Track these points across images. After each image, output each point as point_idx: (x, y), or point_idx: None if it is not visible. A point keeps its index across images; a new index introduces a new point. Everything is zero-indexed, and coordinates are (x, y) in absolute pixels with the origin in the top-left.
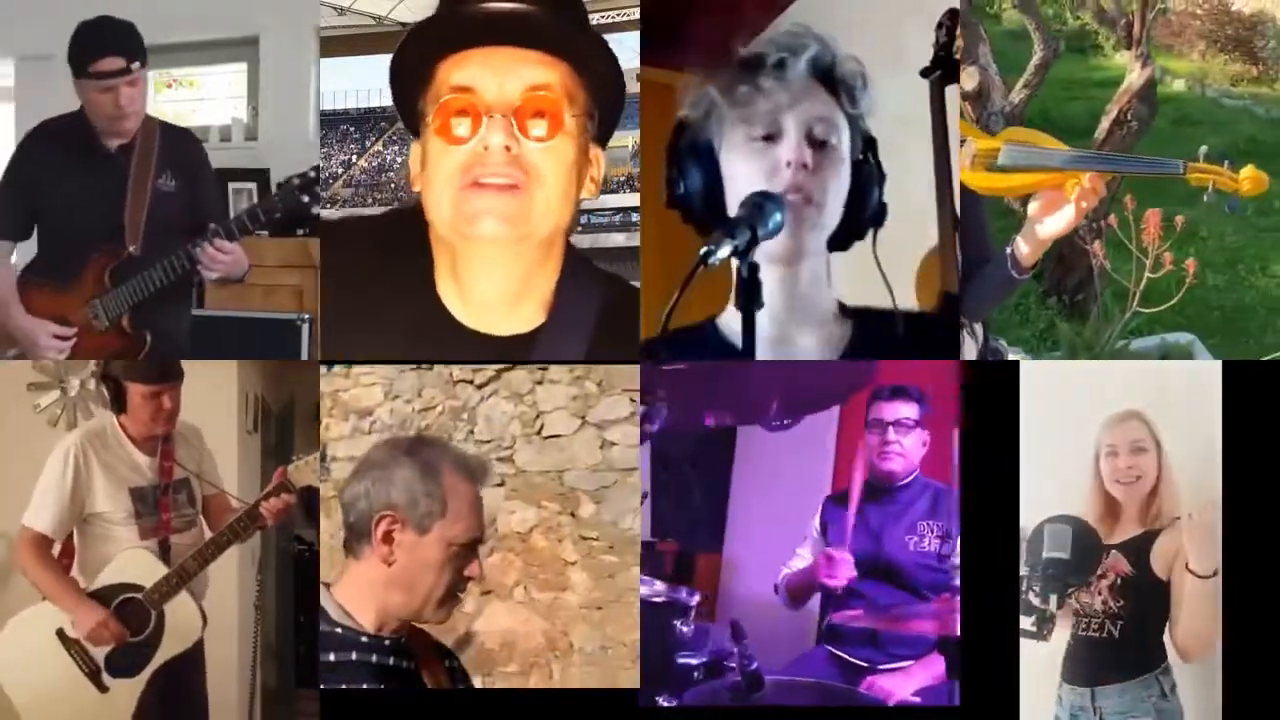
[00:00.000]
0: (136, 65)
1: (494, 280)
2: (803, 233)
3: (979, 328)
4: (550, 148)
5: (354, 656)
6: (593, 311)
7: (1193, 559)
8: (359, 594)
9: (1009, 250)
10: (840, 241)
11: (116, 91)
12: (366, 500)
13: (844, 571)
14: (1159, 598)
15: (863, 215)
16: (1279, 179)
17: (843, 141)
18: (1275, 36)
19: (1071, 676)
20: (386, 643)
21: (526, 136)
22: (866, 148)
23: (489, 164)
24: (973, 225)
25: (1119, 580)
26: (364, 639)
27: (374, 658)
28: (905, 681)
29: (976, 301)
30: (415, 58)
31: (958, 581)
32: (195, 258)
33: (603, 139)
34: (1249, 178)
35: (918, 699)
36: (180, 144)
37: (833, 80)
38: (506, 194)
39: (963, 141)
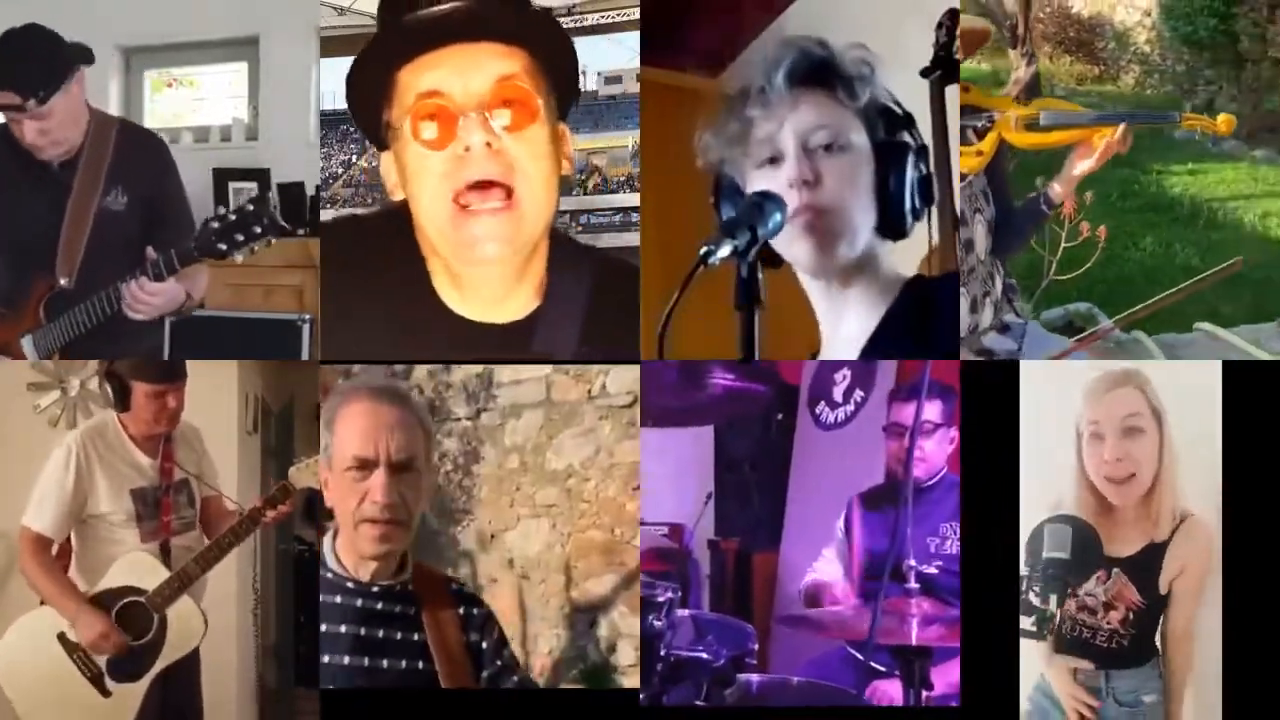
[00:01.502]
0: (33, 103)
1: (493, 285)
2: (827, 245)
3: (1002, 267)
4: (527, 136)
5: (338, 599)
6: (585, 289)
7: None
8: (341, 546)
9: (1043, 192)
10: (895, 228)
11: (19, 126)
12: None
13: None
14: (1158, 608)
15: (902, 193)
16: (1129, 167)
17: (851, 138)
18: (1114, 38)
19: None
20: (374, 589)
21: (504, 128)
22: (891, 127)
23: (473, 165)
24: (998, 181)
25: (1131, 614)
26: (349, 584)
27: (359, 602)
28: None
29: (1009, 239)
30: (372, 72)
31: None
32: (121, 297)
33: (563, 114)
34: (1224, 120)
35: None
36: (139, 151)
37: (828, 79)
38: (500, 213)
39: (989, 114)
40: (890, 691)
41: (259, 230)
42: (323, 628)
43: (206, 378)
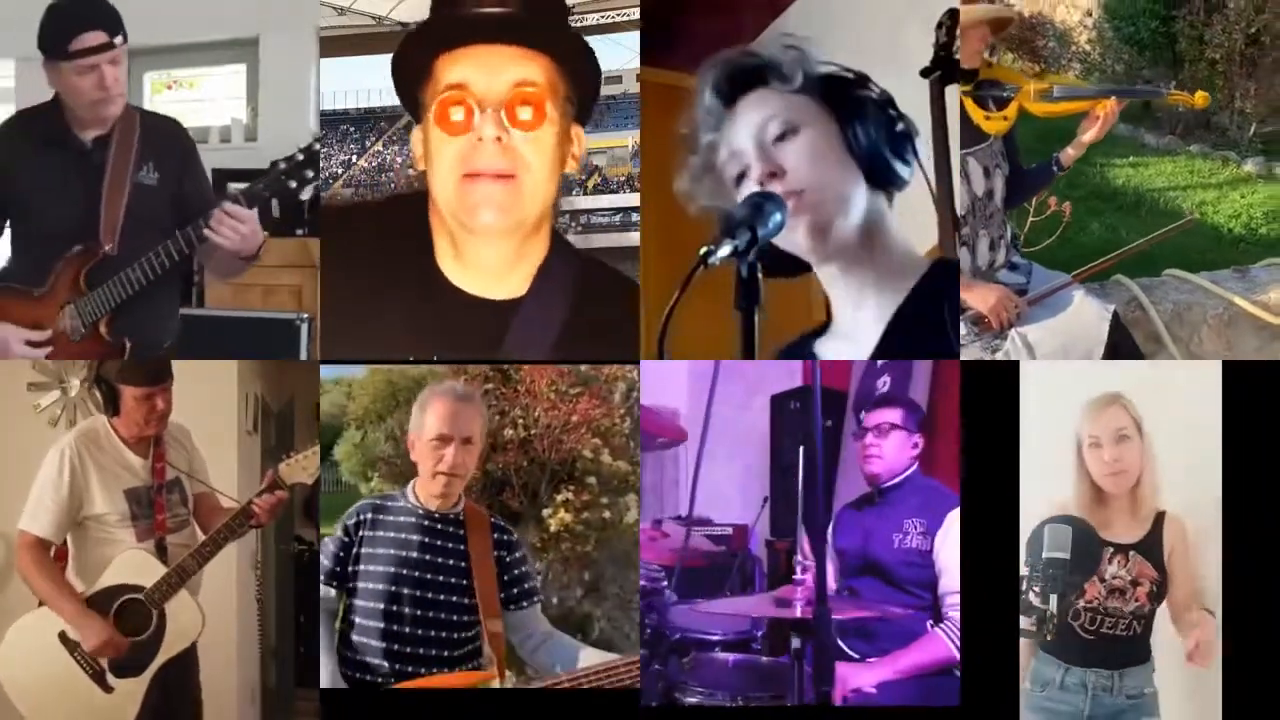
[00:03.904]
0: (119, 40)
1: (490, 255)
2: (820, 225)
3: (1009, 232)
4: (535, 137)
5: (411, 520)
6: (569, 288)
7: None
8: (419, 488)
9: (1055, 156)
10: (883, 178)
11: (100, 71)
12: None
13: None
14: (1164, 583)
15: (874, 143)
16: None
17: (802, 118)
18: (1054, 36)
19: (1091, 661)
20: (436, 514)
21: (515, 126)
22: (842, 90)
23: (483, 154)
24: (1011, 146)
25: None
26: (420, 510)
27: (425, 522)
28: (866, 673)
29: (1015, 195)
30: (415, 54)
31: (938, 575)
32: (203, 227)
33: (582, 118)
34: (1200, 97)
35: (874, 691)
36: (163, 133)
37: (760, 75)
38: (500, 183)
39: (1011, 87)
40: (846, 675)
41: (311, 174)
42: (392, 535)
43: (207, 378)
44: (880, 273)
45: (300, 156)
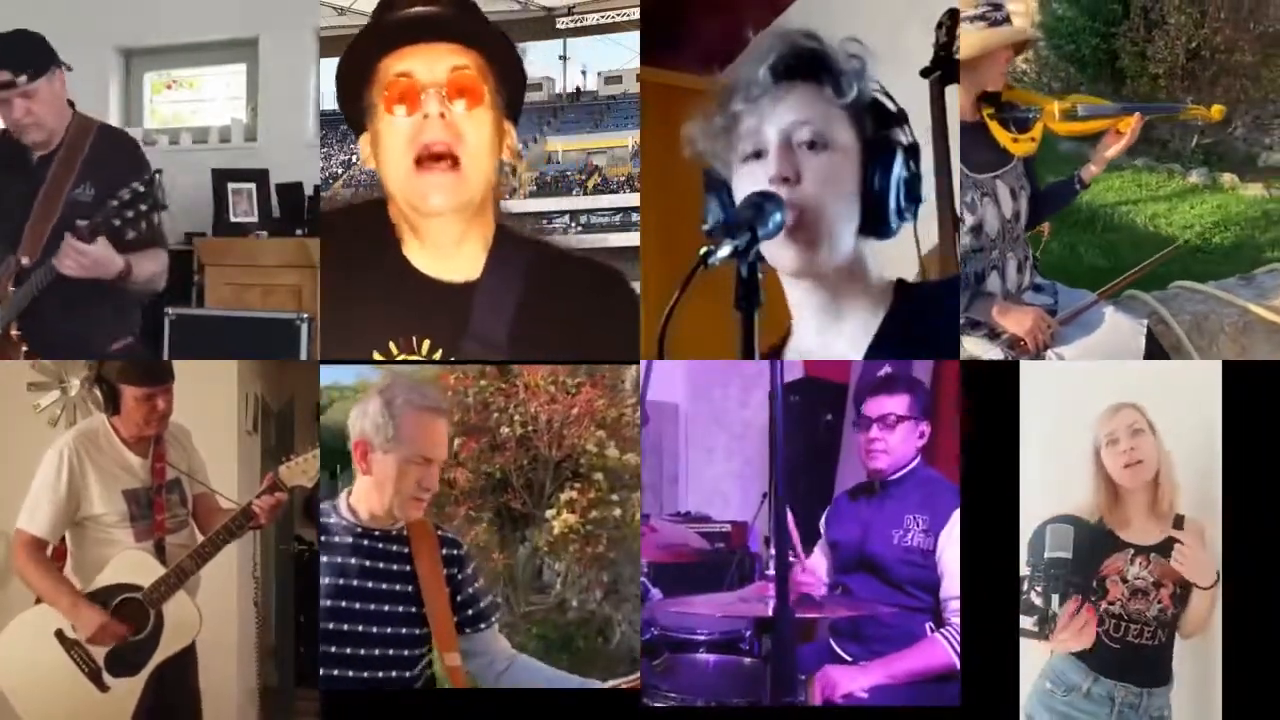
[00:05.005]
0: (24, 79)
1: (443, 237)
2: (809, 248)
3: (1031, 254)
4: (473, 115)
5: (350, 540)
6: (519, 270)
7: (1194, 578)
8: (358, 498)
9: (1077, 173)
10: (878, 228)
11: (9, 104)
12: (352, 429)
13: (814, 581)
14: (1188, 587)
15: (886, 192)
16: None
17: (836, 135)
18: None
19: (1120, 674)
20: (376, 532)
21: (455, 104)
22: (881, 124)
23: (429, 129)
24: (1030, 168)
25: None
26: (358, 529)
27: (365, 542)
28: (859, 676)
29: (1041, 211)
30: (360, 59)
31: (940, 576)
32: (52, 259)
33: (512, 116)
34: (1216, 110)
35: (866, 696)
36: (112, 151)
37: (816, 73)
38: (447, 173)
39: (1031, 109)
40: (837, 678)
41: (139, 212)
42: (326, 560)
43: (207, 378)
44: (849, 299)
45: (127, 196)
